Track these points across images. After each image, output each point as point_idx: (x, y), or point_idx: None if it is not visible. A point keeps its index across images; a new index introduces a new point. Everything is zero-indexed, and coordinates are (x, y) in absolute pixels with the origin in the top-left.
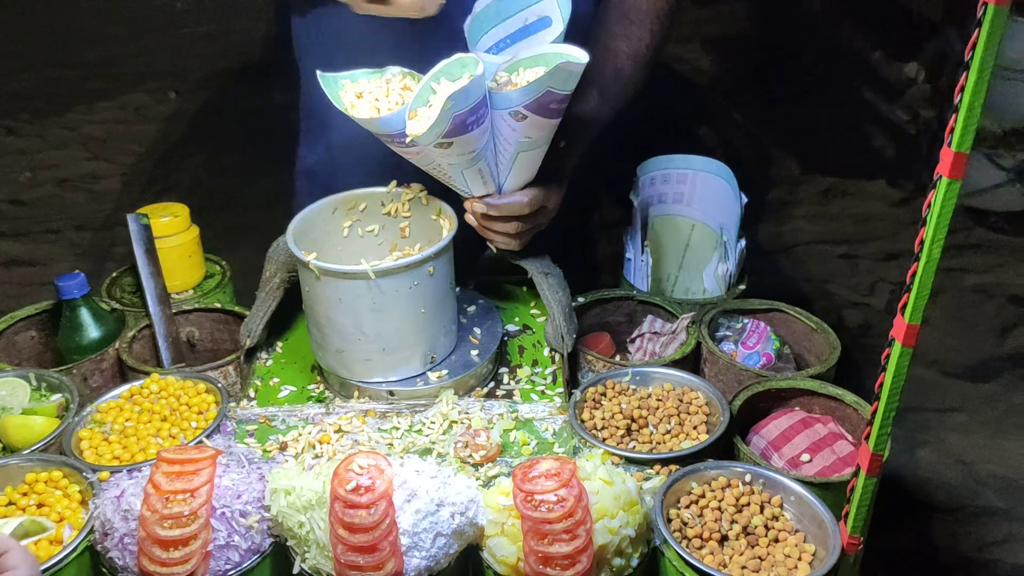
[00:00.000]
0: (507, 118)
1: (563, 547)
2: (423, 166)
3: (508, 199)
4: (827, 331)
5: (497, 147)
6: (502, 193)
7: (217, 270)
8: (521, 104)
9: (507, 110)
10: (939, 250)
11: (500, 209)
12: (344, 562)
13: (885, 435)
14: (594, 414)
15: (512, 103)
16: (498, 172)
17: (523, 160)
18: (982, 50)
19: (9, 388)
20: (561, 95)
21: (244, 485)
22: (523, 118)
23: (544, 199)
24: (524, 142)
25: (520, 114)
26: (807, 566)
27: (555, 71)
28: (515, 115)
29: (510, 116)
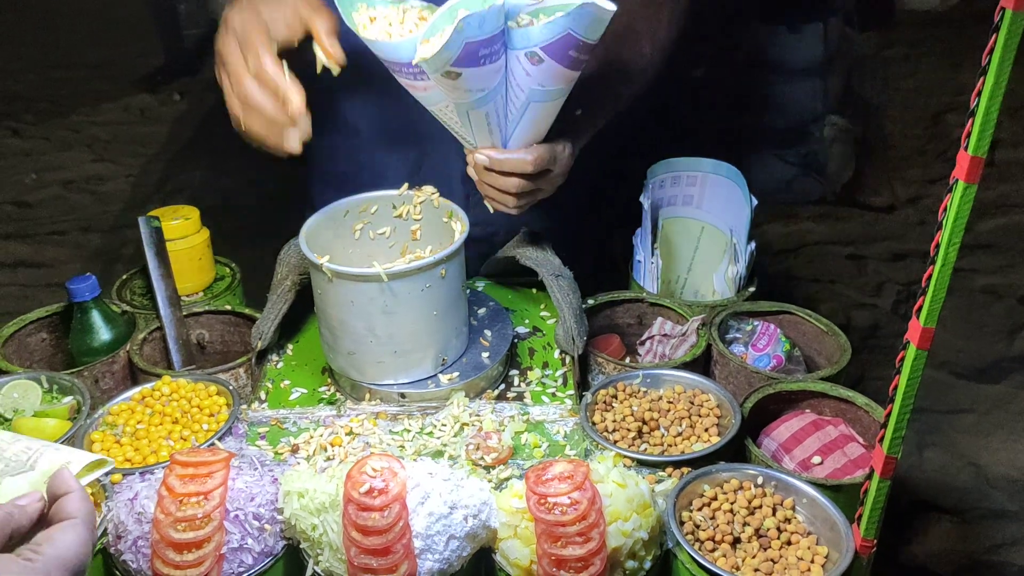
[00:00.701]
0: (523, 59)
1: (576, 550)
2: (430, 106)
3: (513, 154)
4: (837, 333)
5: (509, 93)
6: (507, 148)
7: (227, 272)
8: (539, 44)
9: (524, 50)
10: (955, 253)
11: (503, 164)
12: (357, 564)
13: (899, 438)
14: (605, 416)
15: (530, 41)
16: (506, 123)
17: (533, 113)
18: (999, 55)
19: (21, 390)
20: (582, 42)
21: (257, 487)
22: (539, 61)
23: (550, 161)
24: (537, 90)
25: (537, 56)
26: (820, 568)
27: (578, 12)
28: (531, 56)
29: (526, 57)
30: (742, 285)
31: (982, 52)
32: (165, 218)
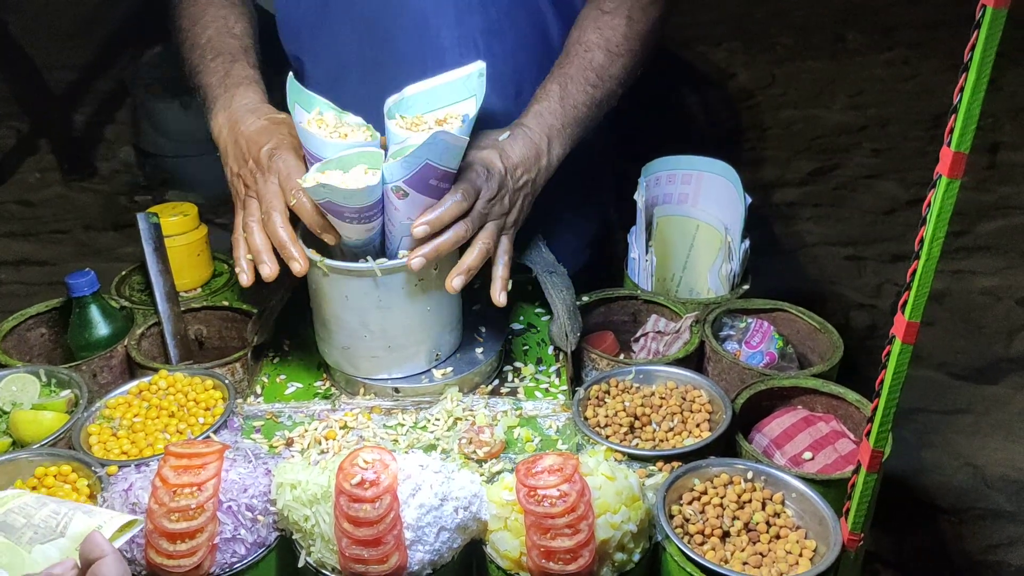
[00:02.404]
0: (391, 195)
1: (565, 541)
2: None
3: (437, 209)
4: (830, 331)
5: (385, 228)
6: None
7: (225, 269)
8: (402, 178)
9: (390, 184)
10: (939, 248)
11: (442, 219)
12: (349, 555)
13: (886, 432)
14: (597, 412)
15: (394, 176)
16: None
17: (407, 247)
18: (980, 51)
19: (19, 384)
20: (441, 170)
21: (250, 479)
22: (404, 195)
23: (482, 178)
24: (406, 224)
25: (402, 190)
26: (808, 562)
27: (432, 142)
28: (397, 191)
29: (392, 193)
30: (736, 282)
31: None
32: (164, 214)
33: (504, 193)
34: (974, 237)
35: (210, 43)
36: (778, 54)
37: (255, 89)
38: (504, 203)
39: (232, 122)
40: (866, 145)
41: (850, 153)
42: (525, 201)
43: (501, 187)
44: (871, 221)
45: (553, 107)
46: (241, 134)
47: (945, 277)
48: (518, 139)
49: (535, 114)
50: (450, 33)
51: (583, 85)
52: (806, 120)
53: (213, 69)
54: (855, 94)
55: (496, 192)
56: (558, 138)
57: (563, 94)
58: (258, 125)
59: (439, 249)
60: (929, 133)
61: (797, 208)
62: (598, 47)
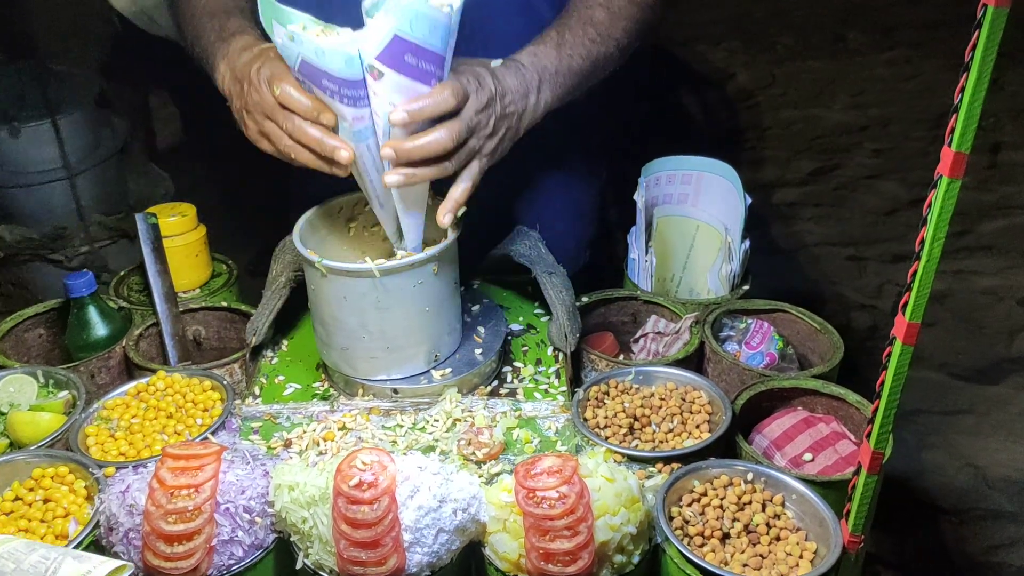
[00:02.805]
0: (369, 80)
1: (564, 543)
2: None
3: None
4: (831, 331)
5: (375, 124)
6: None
7: (224, 269)
8: (374, 55)
9: (364, 66)
10: (939, 249)
11: (423, 111)
12: (347, 557)
13: (886, 433)
14: (597, 413)
15: (366, 56)
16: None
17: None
18: (981, 51)
19: (17, 385)
20: (418, 47)
21: (248, 481)
22: (379, 75)
23: (473, 86)
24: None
25: (375, 69)
26: (808, 564)
27: (397, 9)
28: (371, 70)
29: (367, 74)
30: (736, 283)
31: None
32: (162, 215)
33: (491, 112)
34: (975, 237)
35: (205, 9)
36: (778, 54)
37: (250, 34)
38: (489, 124)
39: (231, 65)
40: (867, 145)
41: (851, 153)
42: (507, 134)
43: (489, 103)
44: (872, 221)
45: (549, 51)
46: (238, 69)
47: (946, 277)
48: (510, 69)
49: (529, 53)
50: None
51: (582, 37)
52: (806, 120)
53: (210, 28)
54: (856, 94)
55: (484, 106)
56: (549, 82)
57: (560, 41)
58: (250, 55)
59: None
60: (931, 133)
61: (798, 208)
62: (600, 6)
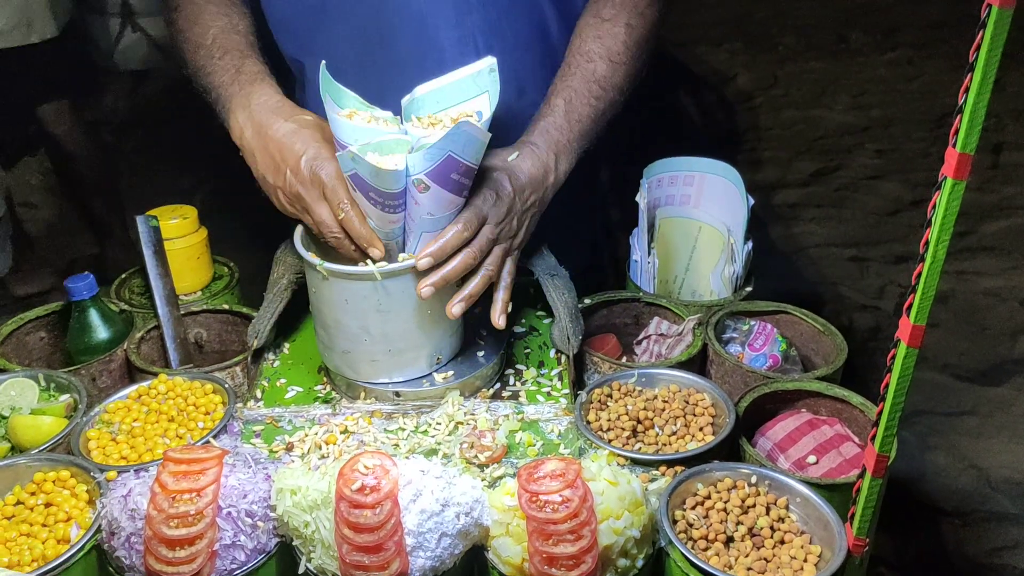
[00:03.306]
0: (412, 188)
1: (568, 547)
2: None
3: (439, 240)
4: (834, 333)
5: (406, 223)
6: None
7: (225, 272)
8: (424, 171)
9: (411, 177)
10: (944, 251)
11: (444, 250)
12: (349, 562)
13: (891, 436)
14: (600, 415)
15: (416, 169)
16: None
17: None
18: (986, 51)
19: (18, 388)
20: (463, 164)
21: (250, 485)
22: (426, 188)
23: (490, 202)
24: (427, 220)
25: (423, 183)
26: (813, 567)
27: (454, 132)
28: (418, 184)
29: (414, 186)
30: (739, 285)
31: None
32: (163, 217)
33: (512, 216)
34: (978, 238)
35: (216, 42)
36: (780, 54)
37: (270, 84)
38: (512, 226)
39: (256, 124)
40: (869, 146)
41: (853, 154)
42: (532, 220)
43: (509, 211)
44: (874, 222)
45: (559, 123)
46: (271, 140)
47: (949, 278)
48: (526, 159)
49: (541, 131)
50: (449, 33)
51: (587, 98)
52: (808, 121)
53: (223, 67)
54: (858, 94)
55: (504, 216)
56: (565, 153)
57: (568, 108)
58: (287, 129)
59: (446, 278)
60: (933, 134)
61: (799, 209)
62: (600, 57)
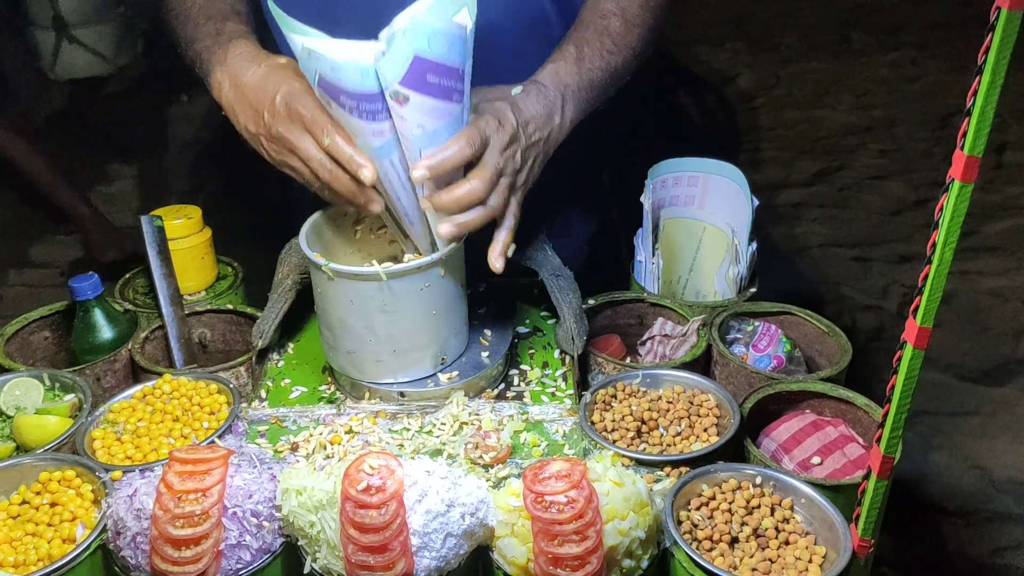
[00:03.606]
0: (392, 104)
1: (573, 548)
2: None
3: (438, 154)
4: (838, 334)
5: (402, 146)
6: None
7: (230, 272)
8: (395, 79)
9: (387, 92)
10: (951, 252)
11: (443, 164)
12: (355, 562)
13: (896, 438)
14: (604, 416)
15: (386, 80)
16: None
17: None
18: (995, 54)
19: (23, 388)
20: (438, 64)
21: (255, 485)
22: (405, 99)
23: (492, 126)
24: (419, 135)
25: (399, 95)
26: (818, 568)
27: (412, 27)
28: (396, 97)
29: (392, 100)
30: (743, 286)
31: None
32: (168, 217)
33: (516, 148)
34: (981, 238)
35: (201, 10)
36: (782, 55)
37: (248, 40)
38: (516, 159)
39: (232, 75)
40: (872, 146)
41: (856, 154)
42: (536, 160)
43: (513, 140)
44: (877, 222)
45: (569, 67)
46: (246, 87)
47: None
48: (531, 95)
49: (550, 72)
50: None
51: (599, 50)
52: (811, 121)
53: (205, 32)
54: (860, 95)
55: (507, 144)
56: (572, 99)
57: (579, 56)
58: (259, 73)
59: (458, 198)
60: (935, 134)
61: (802, 209)
62: (614, 15)
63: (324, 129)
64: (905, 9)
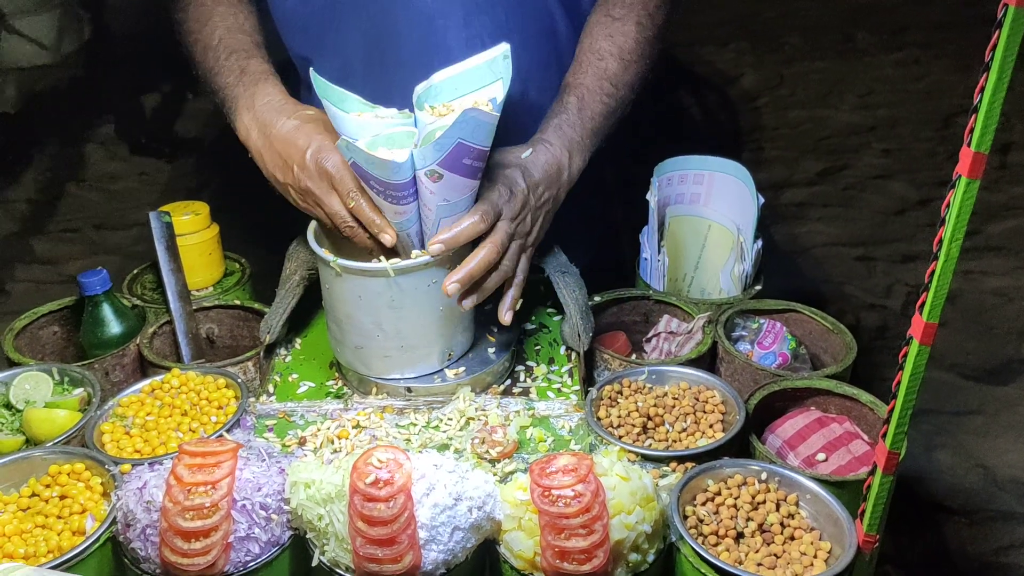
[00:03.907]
0: (425, 179)
1: (580, 542)
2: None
3: (454, 229)
4: (843, 331)
5: (421, 214)
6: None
7: (237, 268)
8: (435, 161)
9: (423, 169)
10: (958, 249)
11: (457, 239)
12: (363, 555)
13: (902, 433)
14: (610, 412)
15: (427, 161)
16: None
17: (445, 227)
18: (1002, 51)
19: (33, 382)
20: (475, 149)
21: (264, 478)
22: (439, 177)
23: (504, 198)
24: (443, 206)
25: (436, 173)
26: (823, 564)
27: (463, 119)
28: (432, 175)
29: (427, 176)
30: (748, 283)
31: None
32: (176, 213)
33: (526, 213)
34: (985, 238)
35: (222, 42)
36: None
37: (274, 83)
38: (526, 223)
39: (261, 124)
40: (876, 145)
41: (859, 153)
42: (546, 218)
43: (523, 207)
44: (881, 221)
45: (572, 119)
46: (275, 137)
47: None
48: (540, 155)
49: (555, 128)
50: (457, 34)
51: (599, 95)
52: (815, 120)
53: (228, 68)
54: (864, 94)
55: (518, 212)
56: (578, 151)
57: (581, 106)
58: (290, 126)
59: (471, 274)
60: (939, 134)
61: (806, 208)
62: (611, 55)
63: (350, 192)
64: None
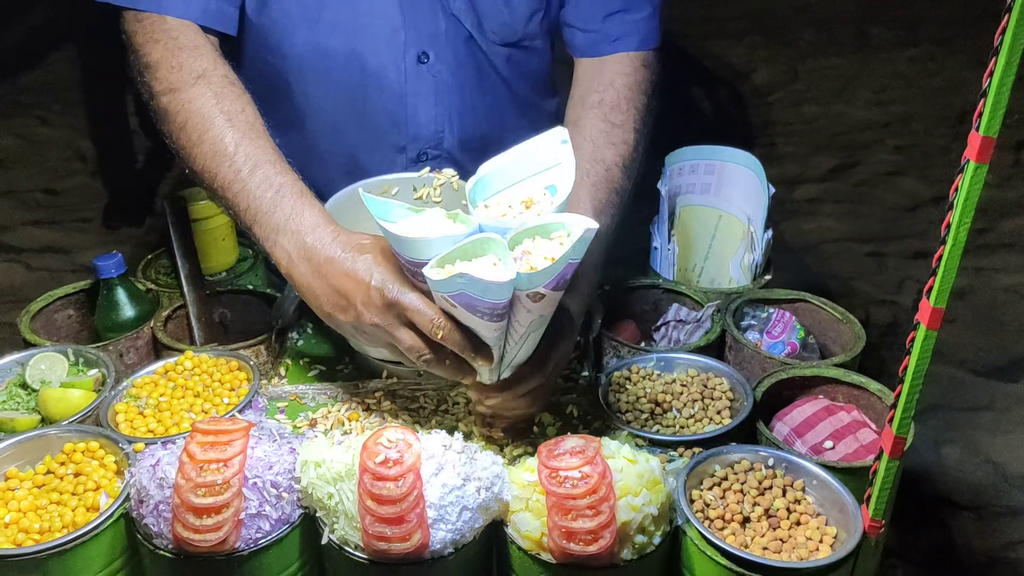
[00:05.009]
0: (525, 300)
1: (587, 523)
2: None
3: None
4: (852, 321)
5: (508, 330)
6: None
7: (250, 253)
8: (543, 285)
9: (525, 291)
10: (965, 234)
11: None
12: (372, 533)
13: (908, 418)
14: (619, 397)
15: (533, 284)
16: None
17: (531, 340)
18: (1011, 35)
19: (48, 362)
20: (576, 264)
21: (275, 457)
22: (541, 297)
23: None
24: (536, 320)
25: (539, 294)
26: (828, 548)
27: (579, 242)
28: (534, 296)
29: (528, 298)
30: (758, 273)
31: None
32: (190, 199)
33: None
34: (997, 235)
35: (239, 149)
36: (800, 50)
37: (316, 204)
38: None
39: (309, 254)
40: (889, 142)
41: (872, 150)
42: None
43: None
44: (893, 218)
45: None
46: (330, 273)
47: (967, 274)
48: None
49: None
50: (427, 111)
51: (617, 206)
52: (828, 116)
53: (255, 183)
54: (878, 90)
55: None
56: (600, 265)
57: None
58: (346, 259)
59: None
60: (954, 130)
61: (818, 204)
62: (616, 166)
63: (434, 321)
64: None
